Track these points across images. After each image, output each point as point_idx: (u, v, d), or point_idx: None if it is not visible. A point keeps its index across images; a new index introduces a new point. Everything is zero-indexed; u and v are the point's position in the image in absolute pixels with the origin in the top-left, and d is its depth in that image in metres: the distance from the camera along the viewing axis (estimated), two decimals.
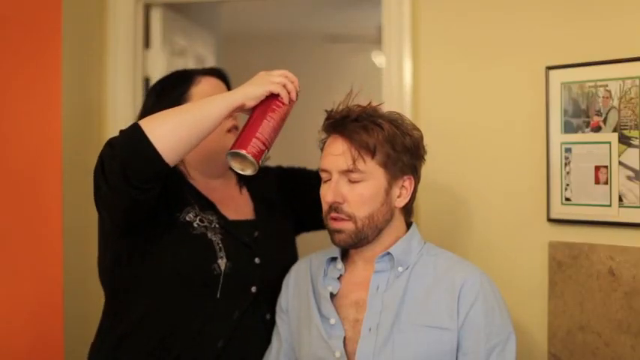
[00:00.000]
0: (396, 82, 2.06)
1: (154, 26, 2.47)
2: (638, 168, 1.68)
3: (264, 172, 1.58)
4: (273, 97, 1.44)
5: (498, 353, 1.39)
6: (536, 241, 1.85)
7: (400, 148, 1.43)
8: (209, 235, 1.53)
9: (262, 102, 1.44)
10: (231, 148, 1.41)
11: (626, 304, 1.69)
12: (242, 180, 1.69)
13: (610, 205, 1.72)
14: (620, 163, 1.70)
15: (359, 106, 1.48)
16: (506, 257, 1.89)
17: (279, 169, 1.82)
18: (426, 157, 1.52)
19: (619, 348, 1.70)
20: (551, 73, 1.82)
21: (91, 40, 2.29)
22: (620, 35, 1.74)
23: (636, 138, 1.68)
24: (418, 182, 1.49)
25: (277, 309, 1.61)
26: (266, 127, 1.42)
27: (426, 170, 1.51)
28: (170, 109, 1.41)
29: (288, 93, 1.45)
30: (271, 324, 1.61)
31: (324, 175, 1.46)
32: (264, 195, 1.70)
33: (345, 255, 1.53)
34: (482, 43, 1.95)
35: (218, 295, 1.51)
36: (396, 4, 2.06)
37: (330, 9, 4.48)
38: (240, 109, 1.44)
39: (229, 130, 1.58)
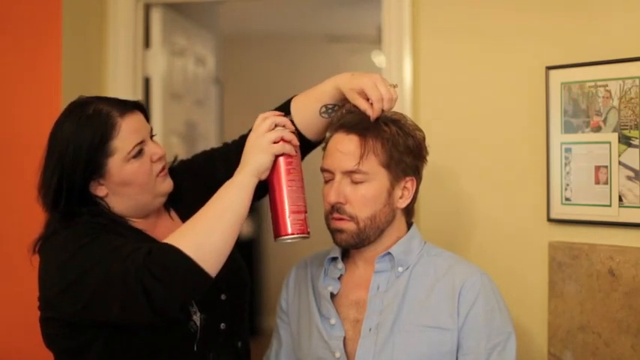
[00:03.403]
0: (396, 82, 2.06)
1: (154, 26, 2.48)
2: (638, 168, 1.68)
3: (174, 178, 1.50)
4: (279, 156, 1.35)
5: (499, 353, 1.39)
6: (536, 241, 1.86)
7: (403, 149, 1.42)
8: None
9: (273, 167, 1.34)
10: (278, 236, 1.36)
11: (626, 304, 1.69)
12: (166, 204, 1.55)
13: (610, 205, 1.73)
14: (620, 163, 1.71)
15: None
16: (506, 257, 1.89)
17: (182, 165, 1.64)
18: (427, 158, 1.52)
19: (619, 348, 1.70)
20: (551, 73, 1.82)
21: (91, 40, 2.29)
22: (620, 35, 1.75)
23: (636, 138, 1.68)
24: (420, 183, 1.49)
25: (277, 309, 1.61)
26: (293, 193, 1.34)
27: (426, 170, 1.51)
28: (200, 222, 1.31)
29: (290, 142, 1.35)
30: (243, 350, 1.55)
31: (326, 176, 1.45)
32: (188, 209, 1.48)
33: (345, 255, 1.52)
34: (481, 43, 1.95)
35: (195, 348, 1.43)
36: (396, 4, 2.06)
37: (330, 9, 4.48)
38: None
39: (157, 175, 1.46)
